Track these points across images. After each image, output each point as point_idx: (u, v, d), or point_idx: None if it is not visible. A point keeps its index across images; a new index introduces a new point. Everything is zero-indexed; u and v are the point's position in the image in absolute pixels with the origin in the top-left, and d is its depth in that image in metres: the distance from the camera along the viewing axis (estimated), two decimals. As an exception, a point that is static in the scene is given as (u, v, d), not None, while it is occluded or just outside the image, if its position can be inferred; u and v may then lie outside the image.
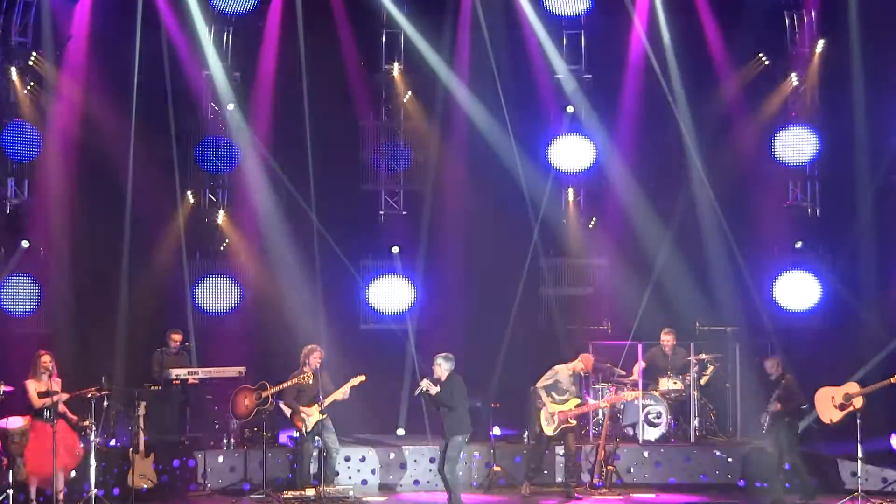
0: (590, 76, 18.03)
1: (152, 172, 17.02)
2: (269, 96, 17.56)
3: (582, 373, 14.94)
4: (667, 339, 16.35)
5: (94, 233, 16.78)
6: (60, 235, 16.77)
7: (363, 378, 14.52)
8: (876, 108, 16.67)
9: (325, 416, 14.41)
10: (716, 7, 17.42)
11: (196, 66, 17.52)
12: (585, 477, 15.07)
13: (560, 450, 15.10)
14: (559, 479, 15.14)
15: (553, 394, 14.71)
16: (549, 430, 14.67)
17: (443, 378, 13.38)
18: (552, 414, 14.61)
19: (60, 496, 13.64)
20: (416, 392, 13.56)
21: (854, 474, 14.15)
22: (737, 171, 17.49)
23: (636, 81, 17.64)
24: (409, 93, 17.97)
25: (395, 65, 17.84)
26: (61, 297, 16.71)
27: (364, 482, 15.37)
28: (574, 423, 14.76)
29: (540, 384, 14.79)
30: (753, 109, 17.66)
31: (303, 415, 14.42)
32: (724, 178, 17.39)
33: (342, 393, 14.48)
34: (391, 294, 17.83)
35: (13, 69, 16.67)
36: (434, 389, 13.26)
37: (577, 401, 14.77)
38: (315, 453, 14.62)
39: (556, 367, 14.83)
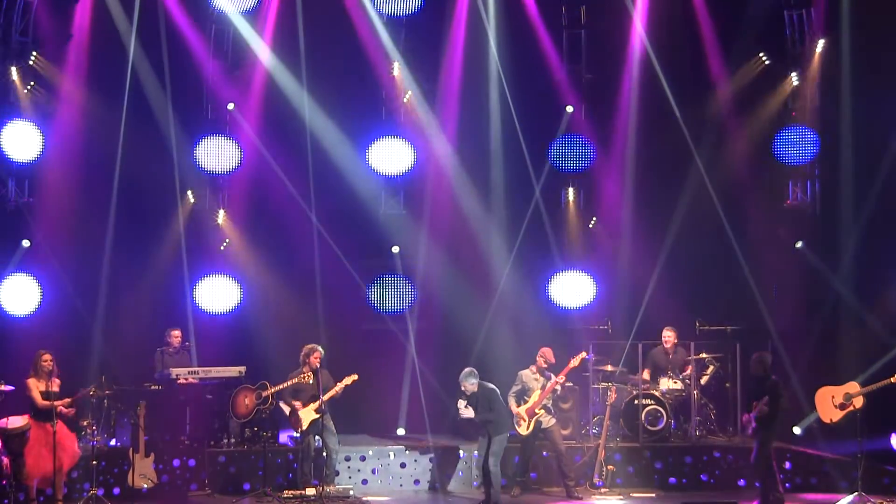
0: (590, 76, 18.04)
1: (152, 172, 17.02)
2: (269, 95, 17.55)
3: (545, 365, 15.01)
4: (668, 335, 16.36)
5: (94, 232, 16.78)
6: (60, 235, 16.76)
7: (355, 377, 14.56)
8: (876, 108, 16.64)
9: (322, 416, 14.42)
10: (716, 7, 17.42)
11: (196, 65, 17.52)
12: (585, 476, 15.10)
13: (547, 451, 15.24)
14: (553, 480, 15.19)
15: (525, 397, 14.94)
16: (522, 431, 14.85)
17: (475, 391, 13.95)
18: (520, 416, 14.82)
19: (60, 495, 13.66)
20: (459, 417, 14.29)
21: (854, 474, 14.13)
22: (737, 171, 17.49)
23: (636, 81, 17.63)
24: (410, 91, 17.95)
25: (395, 64, 17.82)
26: (61, 297, 16.70)
27: (364, 482, 15.40)
28: (541, 412, 14.80)
29: (510, 393, 14.95)
30: (754, 109, 17.65)
31: (300, 413, 14.43)
32: (724, 177, 17.39)
33: (335, 391, 14.50)
34: (391, 294, 17.81)
35: (13, 69, 16.65)
36: (469, 413, 14.15)
37: (539, 391, 14.87)
38: (315, 453, 14.63)
39: (519, 373, 15.10)
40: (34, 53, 16.68)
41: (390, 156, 17.87)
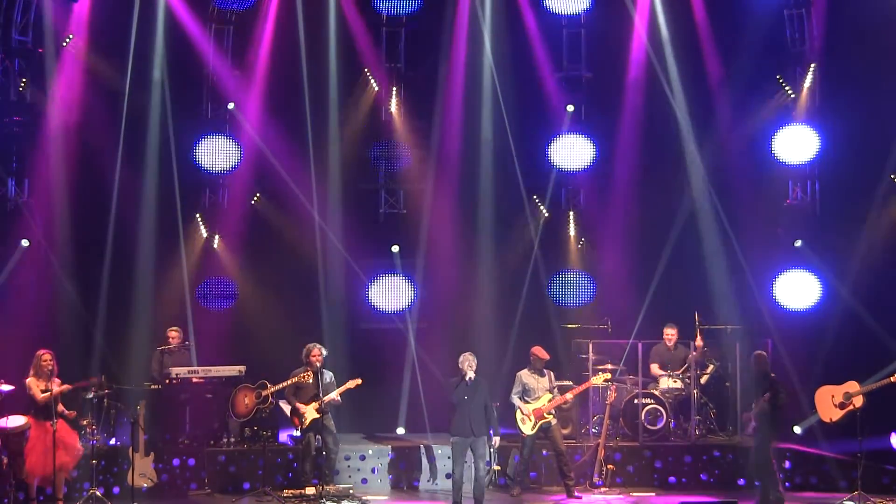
0: (590, 76, 18.04)
1: (152, 171, 17.04)
2: (269, 94, 17.56)
3: (538, 364, 14.97)
4: (670, 332, 16.36)
5: (94, 232, 16.78)
6: (60, 235, 16.77)
7: (359, 382, 14.52)
8: (876, 107, 16.65)
9: (322, 416, 14.40)
10: (716, 6, 17.43)
11: (195, 65, 17.52)
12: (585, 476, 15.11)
13: (547, 450, 15.23)
14: (553, 479, 15.18)
15: (526, 398, 14.90)
16: (526, 430, 14.82)
17: (473, 377, 13.70)
18: (527, 414, 14.76)
19: (60, 495, 13.67)
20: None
21: (854, 474, 14.13)
22: (737, 171, 17.49)
23: (636, 80, 17.64)
24: (410, 91, 17.95)
25: (396, 63, 17.82)
26: (62, 297, 16.70)
27: (364, 482, 15.40)
28: (550, 417, 14.81)
29: (513, 395, 14.92)
30: (754, 108, 17.65)
31: (301, 412, 14.42)
32: (724, 177, 17.40)
33: (337, 393, 14.48)
34: (391, 293, 17.82)
35: (13, 68, 16.65)
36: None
37: (550, 395, 14.88)
38: (315, 452, 14.63)
39: (518, 374, 15.04)
40: (35, 51, 16.72)
41: (391, 154, 17.90)
